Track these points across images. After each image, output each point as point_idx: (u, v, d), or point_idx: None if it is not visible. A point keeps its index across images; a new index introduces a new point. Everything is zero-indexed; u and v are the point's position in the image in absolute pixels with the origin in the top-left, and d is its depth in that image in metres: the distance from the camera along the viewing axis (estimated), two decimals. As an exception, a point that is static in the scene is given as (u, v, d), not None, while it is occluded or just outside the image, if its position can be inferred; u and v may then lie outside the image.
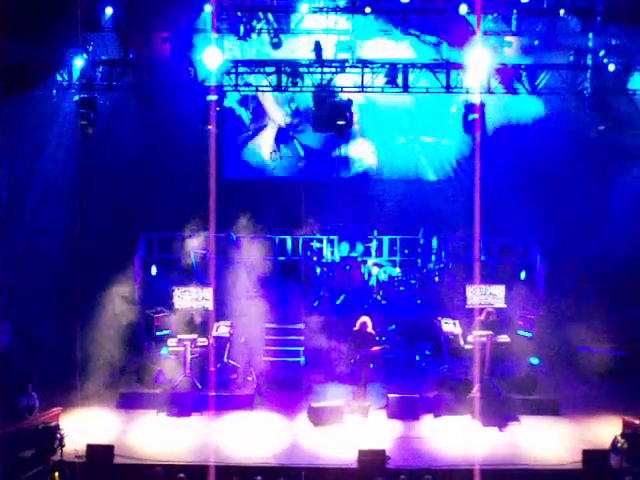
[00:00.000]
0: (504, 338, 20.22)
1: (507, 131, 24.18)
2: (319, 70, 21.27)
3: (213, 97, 21.09)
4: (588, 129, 21.23)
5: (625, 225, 22.94)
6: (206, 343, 20.47)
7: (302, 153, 26.91)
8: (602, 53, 20.53)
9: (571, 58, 21.14)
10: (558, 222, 23.70)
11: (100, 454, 16.84)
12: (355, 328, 19.86)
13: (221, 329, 20.98)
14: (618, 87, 20.47)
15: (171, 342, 20.38)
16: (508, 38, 23.26)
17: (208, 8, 22.31)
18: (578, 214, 23.56)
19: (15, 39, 20.43)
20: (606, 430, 18.33)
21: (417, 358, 21.65)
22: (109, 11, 21.58)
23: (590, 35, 21.01)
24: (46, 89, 21.56)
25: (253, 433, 18.70)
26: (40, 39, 20.96)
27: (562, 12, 21.11)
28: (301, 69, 21.19)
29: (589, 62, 20.85)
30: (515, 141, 24.46)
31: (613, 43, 20.48)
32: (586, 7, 20.90)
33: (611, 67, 20.28)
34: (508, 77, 21.14)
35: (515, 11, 22.71)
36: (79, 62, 21.01)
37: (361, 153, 26.88)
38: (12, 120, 21.59)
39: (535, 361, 20.97)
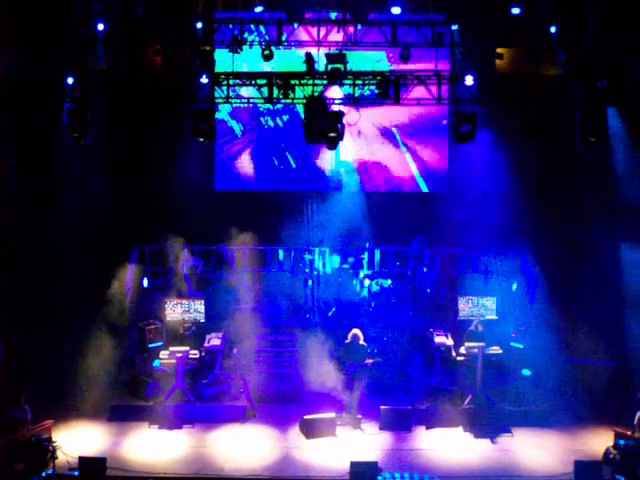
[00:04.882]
0: (496, 349, 20.27)
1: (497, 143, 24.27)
2: (310, 82, 21.31)
3: (204, 109, 21.15)
4: (579, 140, 21.24)
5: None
6: (198, 355, 20.47)
7: (294, 165, 26.94)
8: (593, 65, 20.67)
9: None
10: (550, 233, 23.77)
11: (92, 466, 16.74)
12: (347, 340, 19.90)
13: (213, 341, 20.99)
14: (608, 98, 20.56)
15: (163, 354, 20.38)
16: (499, 50, 23.30)
17: (200, 20, 22.38)
18: (569, 225, 23.64)
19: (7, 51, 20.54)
20: (598, 441, 18.41)
21: (409, 370, 21.64)
22: (101, 24, 21.57)
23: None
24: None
25: (245, 445, 18.69)
26: (33, 51, 21.05)
27: (553, 29, 21.13)
28: (292, 81, 21.23)
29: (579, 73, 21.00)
30: (506, 153, 24.56)
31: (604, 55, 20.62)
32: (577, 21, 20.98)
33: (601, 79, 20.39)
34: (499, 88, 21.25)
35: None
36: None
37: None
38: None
39: (527, 372, 21.00)
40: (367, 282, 23.96)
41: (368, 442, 18.94)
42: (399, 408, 19.77)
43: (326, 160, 26.72)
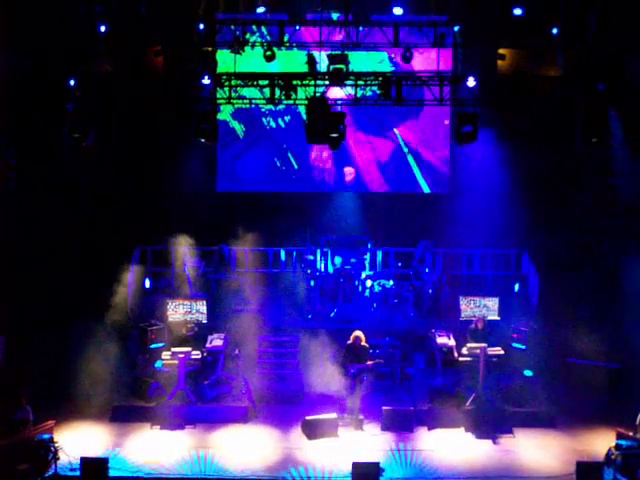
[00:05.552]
0: (498, 350, 20.24)
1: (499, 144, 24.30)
2: (312, 83, 21.33)
3: (206, 110, 21.16)
4: (580, 141, 21.25)
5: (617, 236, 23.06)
6: (200, 356, 20.46)
7: (296, 166, 26.95)
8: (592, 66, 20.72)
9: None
10: (551, 234, 23.77)
11: (94, 467, 16.74)
12: (349, 342, 19.87)
13: (215, 342, 20.96)
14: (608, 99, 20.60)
15: (165, 355, 20.37)
16: (501, 51, 23.30)
17: (201, 21, 22.40)
18: (571, 225, 23.63)
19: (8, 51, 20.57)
20: (600, 442, 18.36)
21: (411, 371, 21.64)
22: (103, 26, 21.59)
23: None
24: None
25: (247, 446, 18.65)
26: (35, 52, 21.07)
27: (555, 31, 21.13)
28: (294, 82, 21.24)
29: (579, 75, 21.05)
30: (507, 153, 24.57)
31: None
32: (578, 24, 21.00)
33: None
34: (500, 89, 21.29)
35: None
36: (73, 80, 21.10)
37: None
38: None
39: (529, 373, 20.99)
40: (369, 283, 23.95)
41: (370, 443, 18.89)
42: (401, 409, 19.73)
43: (328, 161, 26.73)
